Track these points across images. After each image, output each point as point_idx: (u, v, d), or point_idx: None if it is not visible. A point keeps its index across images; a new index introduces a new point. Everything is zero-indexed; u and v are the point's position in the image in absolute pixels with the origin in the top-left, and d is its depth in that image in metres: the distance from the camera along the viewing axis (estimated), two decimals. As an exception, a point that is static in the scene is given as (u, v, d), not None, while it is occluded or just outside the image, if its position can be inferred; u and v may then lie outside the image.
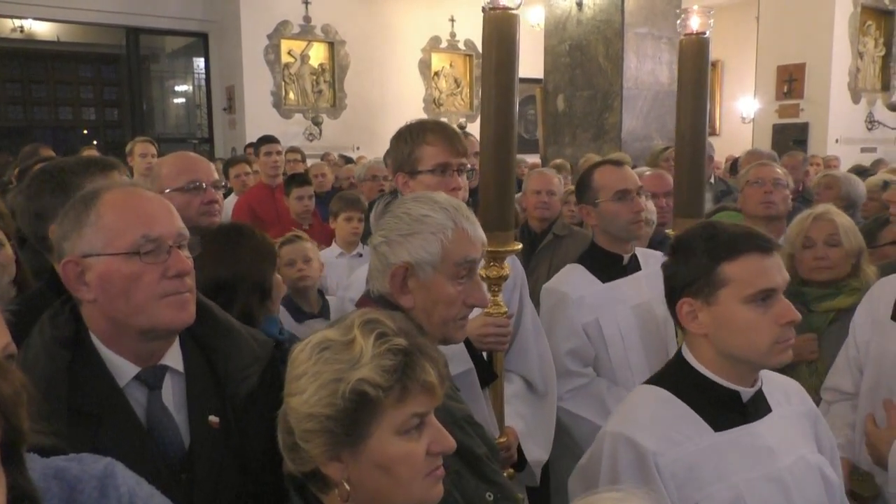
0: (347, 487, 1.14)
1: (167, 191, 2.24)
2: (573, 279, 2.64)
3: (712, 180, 5.40)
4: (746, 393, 1.59)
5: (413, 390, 1.13)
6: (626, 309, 2.59)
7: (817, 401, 2.33)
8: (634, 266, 2.68)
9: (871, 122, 10.86)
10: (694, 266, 1.56)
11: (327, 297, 3.15)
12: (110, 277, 1.31)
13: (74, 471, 1.07)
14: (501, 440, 2.10)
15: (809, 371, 2.50)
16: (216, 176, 2.45)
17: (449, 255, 1.56)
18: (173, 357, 1.42)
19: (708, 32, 2.30)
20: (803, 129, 10.39)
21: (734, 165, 6.71)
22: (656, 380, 1.68)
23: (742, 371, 1.59)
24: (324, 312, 2.99)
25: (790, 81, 10.44)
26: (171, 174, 2.33)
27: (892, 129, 11.02)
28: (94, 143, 12.23)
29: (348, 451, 1.13)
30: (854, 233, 2.58)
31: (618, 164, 2.76)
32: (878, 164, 8.43)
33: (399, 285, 1.57)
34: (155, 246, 1.33)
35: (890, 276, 2.19)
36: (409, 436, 1.14)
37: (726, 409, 1.58)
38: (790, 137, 10.35)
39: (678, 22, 2.37)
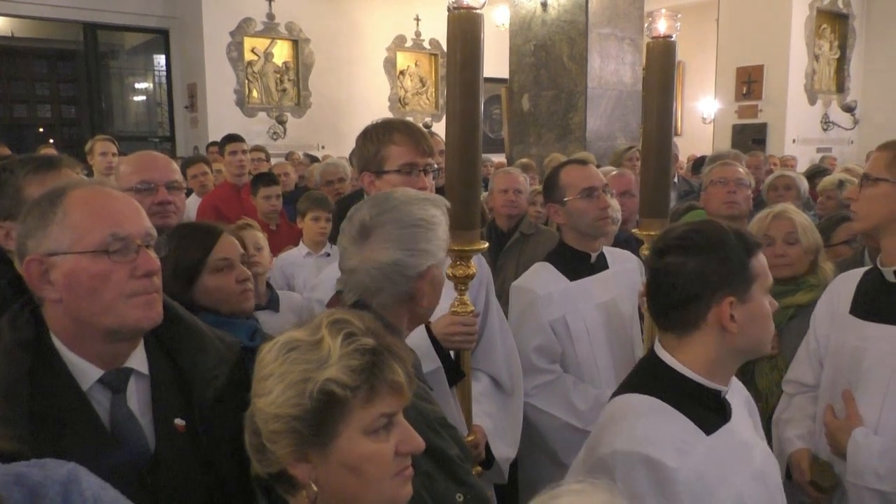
0: (315, 488, 1.13)
1: (123, 190, 2.20)
2: (541, 277, 2.67)
3: (675, 179, 5.49)
4: (724, 391, 1.57)
5: (381, 390, 1.12)
6: (593, 306, 2.63)
7: (778, 395, 2.39)
8: (602, 264, 2.71)
9: (826, 123, 11.14)
10: (734, 263, 1.50)
11: (282, 292, 3.10)
12: (77, 276, 1.28)
13: (36, 476, 1.05)
14: (469, 438, 2.11)
15: (770, 366, 2.55)
16: (175, 177, 2.38)
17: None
18: (138, 359, 1.39)
19: (675, 36, 2.34)
20: (762, 129, 10.62)
21: (697, 165, 6.81)
22: (636, 387, 1.57)
23: (733, 368, 1.58)
24: (271, 305, 2.92)
25: (749, 83, 10.65)
26: (126, 173, 2.32)
27: (847, 129, 11.32)
28: (51, 141, 11.94)
29: (316, 451, 1.12)
30: (812, 231, 2.65)
31: (583, 162, 2.81)
32: (825, 160, 8.68)
33: (424, 289, 1.58)
34: (123, 245, 1.31)
35: (849, 271, 2.25)
36: (378, 436, 1.14)
37: (709, 410, 1.54)
38: (749, 137, 10.57)
39: (646, 25, 2.40)
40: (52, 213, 1.30)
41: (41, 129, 13.45)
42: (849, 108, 11.22)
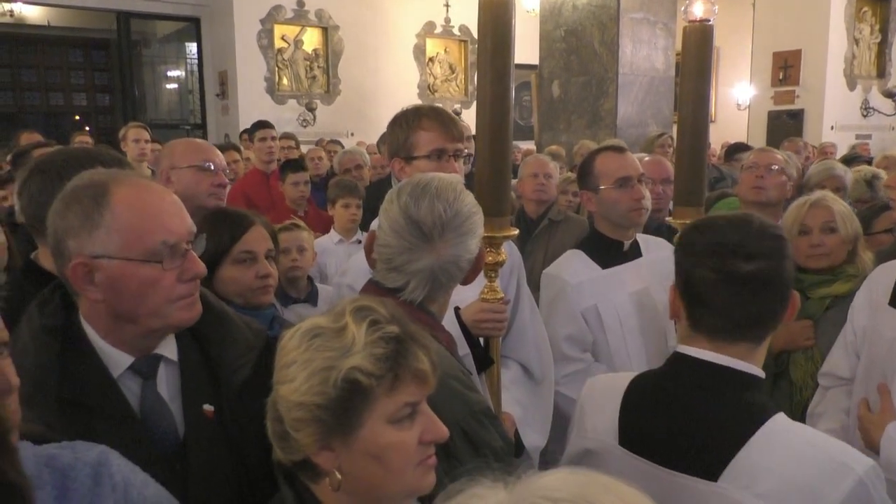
0: (339, 476, 1.12)
1: (181, 167, 2.35)
2: (573, 265, 2.63)
3: (706, 166, 5.37)
4: None
5: (405, 379, 1.11)
6: (625, 295, 2.58)
7: (813, 386, 2.34)
8: (635, 252, 2.66)
9: (866, 109, 10.87)
10: None
11: (320, 286, 3.14)
12: (124, 281, 1.27)
13: (67, 458, 1.06)
14: (498, 426, 2.10)
15: (805, 357, 2.50)
16: (225, 163, 2.55)
17: None
18: (167, 346, 1.40)
19: (712, 20, 2.28)
20: (799, 115, 10.39)
21: (730, 151, 6.66)
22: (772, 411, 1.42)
23: None
24: (310, 298, 3.00)
25: (786, 68, 10.42)
26: (186, 152, 2.43)
27: (888, 115, 11.03)
28: (87, 129, 12.14)
29: (339, 440, 1.11)
30: (850, 219, 2.58)
31: (620, 150, 2.73)
32: (855, 148, 8.43)
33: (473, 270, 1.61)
34: (172, 251, 1.30)
35: (890, 261, 2.18)
36: (402, 424, 1.12)
37: None
38: (785, 124, 10.35)
39: (682, 9, 2.34)
40: (99, 215, 1.26)
41: (77, 117, 13.69)
42: (890, 94, 10.90)
